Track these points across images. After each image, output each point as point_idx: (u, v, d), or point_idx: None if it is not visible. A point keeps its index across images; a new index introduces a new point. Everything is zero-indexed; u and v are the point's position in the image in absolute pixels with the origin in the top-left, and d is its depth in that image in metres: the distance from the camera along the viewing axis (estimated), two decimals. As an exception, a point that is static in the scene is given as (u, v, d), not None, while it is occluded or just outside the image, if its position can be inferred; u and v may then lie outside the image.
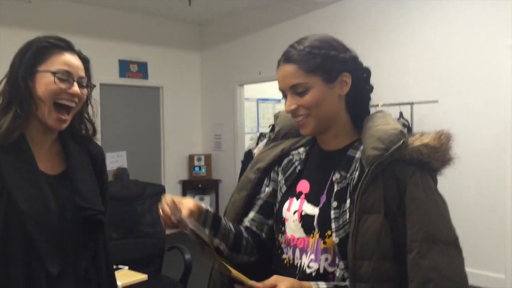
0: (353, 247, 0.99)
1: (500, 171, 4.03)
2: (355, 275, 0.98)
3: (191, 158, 6.78)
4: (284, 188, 1.19)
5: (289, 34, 5.72)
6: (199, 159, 6.76)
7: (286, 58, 1.11)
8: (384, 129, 1.04)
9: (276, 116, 1.34)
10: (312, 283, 1.02)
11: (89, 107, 1.38)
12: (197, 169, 6.74)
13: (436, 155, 1.02)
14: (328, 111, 1.09)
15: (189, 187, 6.74)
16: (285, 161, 1.23)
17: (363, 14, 5.00)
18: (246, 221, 1.23)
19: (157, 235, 3.10)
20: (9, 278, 1.17)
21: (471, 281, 1.02)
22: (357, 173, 1.06)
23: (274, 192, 1.23)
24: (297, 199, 1.14)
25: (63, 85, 1.24)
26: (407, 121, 4.41)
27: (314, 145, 1.20)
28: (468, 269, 1.01)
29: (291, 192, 1.17)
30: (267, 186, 1.24)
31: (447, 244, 0.99)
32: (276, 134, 1.30)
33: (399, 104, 4.37)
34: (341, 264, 1.05)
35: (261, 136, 5.33)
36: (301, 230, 1.10)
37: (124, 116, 6.22)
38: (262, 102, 7.86)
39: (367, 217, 0.99)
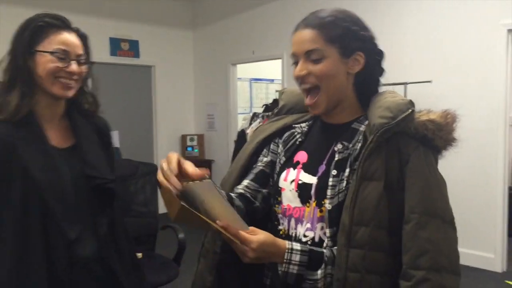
0: (351, 212, 0.98)
1: (492, 151, 4.06)
2: (350, 240, 0.97)
3: (183, 138, 6.76)
4: (283, 159, 1.19)
5: (284, 13, 5.66)
6: (191, 139, 6.74)
7: (308, 22, 1.08)
8: (392, 100, 1.05)
9: (281, 92, 1.34)
10: (287, 242, 1.01)
11: (90, 82, 1.44)
12: (189, 149, 6.72)
13: (441, 133, 1.02)
14: (337, 86, 1.08)
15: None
16: (287, 133, 1.22)
17: (358, -8, 4.94)
18: (240, 188, 1.21)
19: (150, 214, 3.10)
20: (28, 247, 1.22)
21: (460, 260, 1.02)
22: (359, 144, 1.06)
23: (272, 163, 1.23)
24: (294, 168, 1.14)
25: (61, 64, 1.29)
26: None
27: (317, 119, 1.20)
28: (458, 248, 1.02)
29: (289, 163, 1.17)
30: (265, 156, 1.24)
31: (444, 221, 1.00)
32: (280, 109, 1.30)
33: (393, 84, 4.35)
34: (328, 232, 1.05)
35: (254, 116, 5.31)
36: (298, 200, 1.10)
37: (115, 95, 6.15)
38: (255, 82, 7.80)
39: (367, 183, 0.99)
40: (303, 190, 1.10)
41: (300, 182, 1.11)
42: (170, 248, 3.15)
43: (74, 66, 1.31)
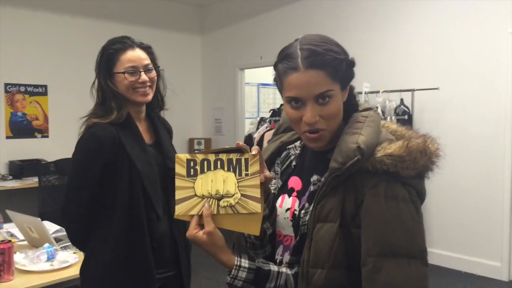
0: (307, 253, 0.97)
1: (498, 158, 4.04)
2: (308, 282, 0.97)
3: (191, 141, 6.79)
4: (279, 183, 1.18)
5: (291, 19, 5.69)
6: (199, 143, 6.77)
7: (310, 62, 0.96)
8: (346, 141, 0.98)
9: (282, 110, 1.32)
10: (235, 260, 1.03)
11: (160, 83, 1.80)
12: (197, 152, 6.74)
13: (404, 164, 0.95)
14: (338, 121, 1.03)
15: (188, 170, 6.75)
16: (284, 153, 1.20)
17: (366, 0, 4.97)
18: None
19: (157, 216, 3.12)
20: (133, 218, 1.63)
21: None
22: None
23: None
24: (289, 196, 1.12)
25: (133, 78, 1.66)
26: (407, 108, 4.41)
27: None
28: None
29: (284, 188, 1.15)
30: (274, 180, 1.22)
31: (409, 257, 0.93)
32: (278, 128, 1.28)
33: (400, 90, 4.37)
34: (287, 258, 1.06)
35: (261, 121, 5.33)
36: (291, 229, 1.09)
37: (124, 99, 6.20)
38: (263, 87, 7.84)
39: (322, 225, 0.97)
40: (296, 220, 1.08)
41: (295, 212, 1.09)
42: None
43: (144, 76, 1.67)
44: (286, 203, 1.12)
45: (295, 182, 1.13)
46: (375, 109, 1.12)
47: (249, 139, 5.20)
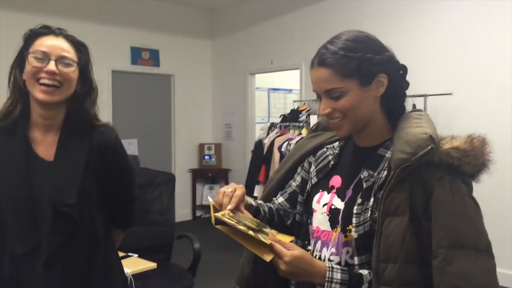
0: (377, 249, 0.97)
1: (514, 166, 3.96)
2: (378, 277, 0.97)
3: (201, 146, 6.79)
4: (314, 180, 1.20)
5: (302, 23, 5.67)
6: (209, 148, 6.76)
7: (320, 61, 1.05)
8: (413, 132, 1.01)
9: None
10: (327, 263, 1.02)
11: (93, 92, 1.42)
12: (207, 158, 6.75)
13: (468, 159, 0.99)
14: (363, 113, 1.07)
15: (199, 176, 6.76)
16: (319, 152, 1.24)
17: (378, 3, 4.92)
18: (277, 203, 1.29)
19: (167, 223, 3.11)
20: None
21: None
22: (384, 172, 1.04)
23: (303, 181, 1.26)
24: (328, 193, 1.14)
25: (38, 64, 1.29)
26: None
27: (349, 140, 1.20)
28: (496, 276, 0.98)
29: (324, 186, 1.17)
30: (298, 174, 1.28)
31: (477, 250, 0.95)
32: (316, 126, 1.33)
33: (413, 96, 4.31)
34: (356, 260, 1.05)
35: (272, 126, 5.30)
36: (328, 224, 1.11)
37: (135, 104, 6.23)
38: (273, 92, 7.82)
39: (391, 219, 0.97)
40: (333, 214, 1.10)
41: (332, 206, 1.11)
42: (186, 258, 3.15)
43: (51, 65, 1.29)
44: (324, 199, 1.14)
45: (336, 181, 1.15)
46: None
47: (259, 145, 5.17)
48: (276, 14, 6.03)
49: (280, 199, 1.29)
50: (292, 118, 5.06)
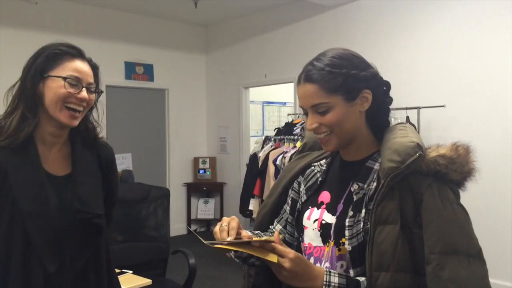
0: (369, 257, 0.98)
1: (508, 176, 3.98)
2: (372, 286, 0.97)
3: (196, 160, 6.78)
4: (304, 198, 1.22)
5: (295, 37, 5.72)
6: (204, 162, 6.75)
7: (306, 77, 1.09)
8: (401, 142, 1.04)
9: (305, 128, 1.38)
10: (324, 269, 1.03)
11: (95, 111, 1.46)
12: (202, 171, 6.73)
13: (454, 166, 1.01)
14: (349, 128, 1.10)
15: (193, 189, 6.73)
16: (307, 171, 1.26)
17: (370, 17, 4.98)
18: (275, 231, 1.26)
19: (162, 238, 3.08)
20: (9, 278, 1.25)
21: None
22: (374, 184, 1.06)
23: (293, 202, 1.26)
24: (318, 208, 1.16)
25: (72, 90, 1.31)
26: (413, 125, 4.38)
27: (336, 156, 1.22)
28: (488, 281, 0.99)
29: (313, 202, 1.18)
30: (289, 196, 1.28)
31: (469, 255, 0.97)
32: (303, 146, 1.35)
33: (406, 108, 4.34)
34: (351, 273, 1.05)
35: (267, 139, 5.31)
36: (319, 239, 1.12)
37: (129, 118, 6.22)
38: (268, 105, 7.84)
39: (382, 228, 0.98)
40: (324, 230, 1.11)
41: (323, 222, 1.12)
42: (181, 273, 3.13)
43: (84, 93, 1.33)
44: (314, 215, 1.15)
45: (325, 196, 1.17)
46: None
47: (254, 158, 5.17)
48: (269, 29, 6.08)
49: (278, 227, 1.29)
50: (286, 131, 5.07)
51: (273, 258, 0.98)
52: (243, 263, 1.22)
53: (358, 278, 1.03)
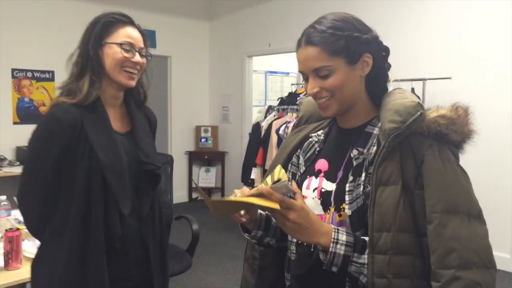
0: (371, 218, 0.98)
1: (510, 149, 3.98)
2: (373, 246, 0.97)
3: (198, 129, 6.77)
4: (303, 169, 1.20)
5: (300, 6, 5.60)
6: (206, 131, 6.74)
7: (308, 39, 1.06)
8: (401, 102, 1.03)
9: (300, 103, 1.36)
10: (332, 227, 1.01)
11: (144, 75, 1.62)
12: (203, 140, 6.73)
13: (454, 127, 1.01)
14: (350, 93, 1.07)
15: (195, 158, 6.76)
16: (306, 143, 1.24)
17: (377, -14, 4.87)
18: None
19: (165, 204, 3.09)
20: (90, 215, 1.41)
21: None
22: (374, 148, 1.05)
23: (294, 176, 1.24)
24: (316, 177, 1.14)
25: (127, 55, 1.47)
26: (418, 97, 4.34)
27: (333, 125, 1.20)
28: (489, 241, 1.00)
29: (310, 171, 1.17)
30: (289, 171, 1.24)
31: (470, 215, 0.97)
32: (299, 120, 1.32)
33: (411, 80, 4.30)
34: None
35: (269, 109, 5.28)
36: (320, 207, 1.10)
37: (131, 85, 6.17)
38: (271, 74, 7.78)
39: (383, 189, 0.98)
40: (325, 197, 1.10)
41: (322, 190, 1.11)
42: (184, 239, 3.17)
43: (138, 57, 1.49)
44: (313, 184, 1.13)
45: (322, 164, 1.15)
46: None
47: (257, 127, 5.16)
48: (274, -4, 5.96)
49: None
50: (289, 101, 5.04)
51: (275, 205, 0.95)
52: (258, 244, 1.20)
53: (365, 238, 1.02)
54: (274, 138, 4.74)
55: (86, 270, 1.41)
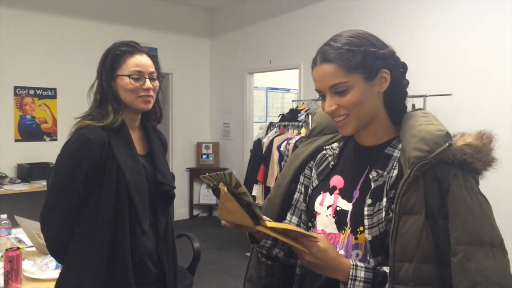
0: (393, 248, 0.96)
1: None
2: (394, 277, 0.95)
3: (199, 145, 6.77)
4: (315, 182, 1.18)
5: (301, 23, 5.66)
6: (207, 147, 6.74)
7: (323, 57, 1.05)
8: (427, 130, 1.00)
9: (313, 113, 1.34)
10: (351, 263, 1.00)
11: (160, 94, 1.70)
12: (204, 157, 6.73)
13: (479, 155, 0.99)
14: (368, 110, 1.06)
15: (196, 174, 6.74)
16: (319, 155, 1.21)
17: (374, 3, 4.92)
18: (294, 224, 1.22)
19: (166, 222, 3.09)
20: (118, 232, 1.49)
21: None
22: (395, 171, 1.03)
23: (306, 189, 1.22)
24: (331, 194, 1.12)
25: (138, 84, 1.57)
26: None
27: (349, 140, 1.18)
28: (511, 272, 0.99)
29: (324, 187, 1.15)
30: (302, 184, 1.23)
31: (493, 246, 0.96)
32: (312, 131, 1.29)
33: (412, 96, 4.30)
34: (372, 262, 1.03)
35: (271, 125, 5.29)
36: (334, 226, 1.09)
37: (133, 102, 6.19)
38: (271, 91, 7.80)
39: (407, 218, 0.96)
40: (340, 216, 1.08)
41: (338, 208, 1.09)
42: (185, 257, 3.14)
43: (148, 83, 1.58)
44: (327, 201, 1.12)
45: (337, 181, 1.13)
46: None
47: (258, 144, 5.16)
48: (275, 14, 6.02)
49: (294, 219, 1.23)
50: (291, 117, 5.05)
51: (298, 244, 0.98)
52: (266, 257, 1.18)
53: (385, 268, 1.01)
54: (275, 154, 4.74)
55: (115, 285, 1.49)
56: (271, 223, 1.00)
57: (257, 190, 4.91)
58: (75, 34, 5.50)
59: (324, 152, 1.21)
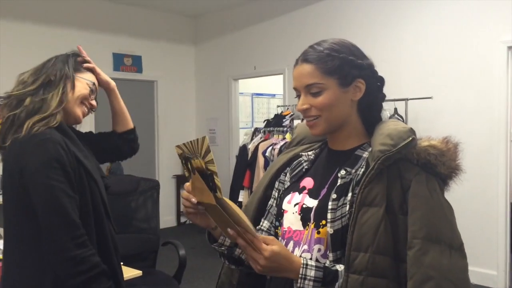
0: (350, 237, 0.99)
1: (493, 168, 4.05)
2: (349, 265, 0.98)
3: (185, 152, 6.75)
4: (287, 184, 1.21)
5: (285, 29, 5.71)
6: (193, 154, 6.73)
7: (305, 57, 1.11)
8: (394, 128, 1.05)
9: (295, 127, 1.38)
10: (302, 259, 1.02)
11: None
12: (191, 163, 6.71)
13: (443, 159, 1.02)
14: (339, 114, 1.10)
15: (183, 181, 6.72)
16: (295, 162, 1.25)
17: (356, 9, 5.00)
18: (265, 229, 1.23)
19: (151, 230, 3.09)
20: (105, 229, 1.47)
21: None
22: (362, 169, 1.07)
23: (279, 192, 1.24)
24: (300, 193, 1.15)
25: (91, 95, 1.57)
26: (401, 117, 4.42)
27: (324, 148, 1.22)
28: (468, 277, 1.00)
29: (295, 188, 1.18)
30: (276, 189, 1.25)
31: (451, 247, 0.97)
32: (292, 141, 1.34)
33: (394, 100, 4.38)
34: (331, 256, 1.05)
35: (256, 131, 5.32)
36: (300, 223, 1.11)
37: (118, 110, 6.17)
38: (257, 97, 7.85)
39: (367, 209, 0.99)
40: (305, 213, 1.11)
41: (304, 206, 1.12)
42: (171, 265, 3.14)
43: (94, 101, 1.59)
44: (295, 199, 1.15)
45: (307, 182, 1.17)
46: None
47: (243, 150, 5.18)
48: (259, 20, 6.07)
49: (265, 224, 1.24)
50: (276, 123, 5.09)
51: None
52: (228, 259, 1.20)
53: (338, 267, 1.03)
54: (260, 160, 4.77)
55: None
56: (234, 205, 1.01)
57: (243, 196, 4.93)
58: (55, 42, 5.48)
59: (300, 158, 1.24)
